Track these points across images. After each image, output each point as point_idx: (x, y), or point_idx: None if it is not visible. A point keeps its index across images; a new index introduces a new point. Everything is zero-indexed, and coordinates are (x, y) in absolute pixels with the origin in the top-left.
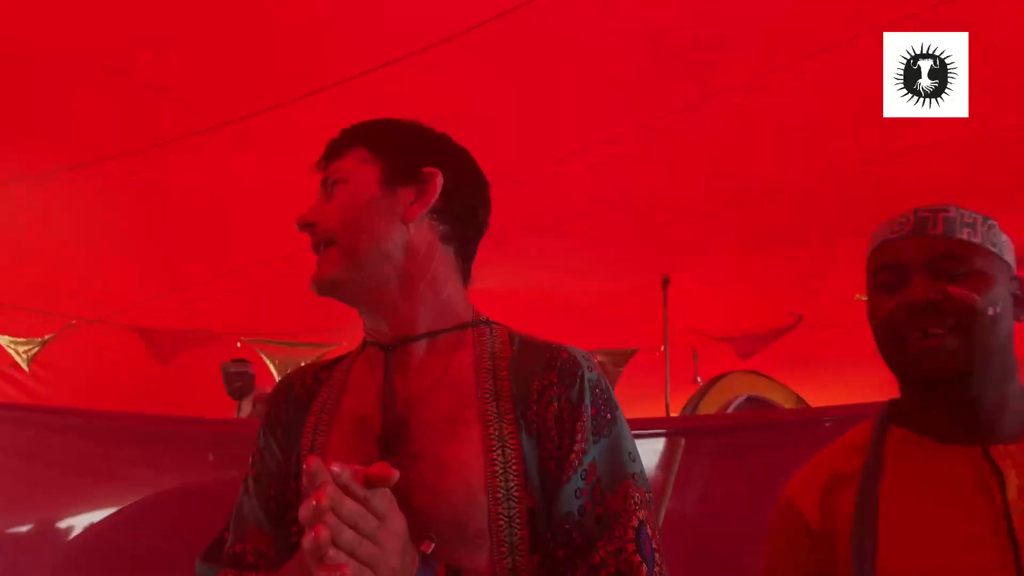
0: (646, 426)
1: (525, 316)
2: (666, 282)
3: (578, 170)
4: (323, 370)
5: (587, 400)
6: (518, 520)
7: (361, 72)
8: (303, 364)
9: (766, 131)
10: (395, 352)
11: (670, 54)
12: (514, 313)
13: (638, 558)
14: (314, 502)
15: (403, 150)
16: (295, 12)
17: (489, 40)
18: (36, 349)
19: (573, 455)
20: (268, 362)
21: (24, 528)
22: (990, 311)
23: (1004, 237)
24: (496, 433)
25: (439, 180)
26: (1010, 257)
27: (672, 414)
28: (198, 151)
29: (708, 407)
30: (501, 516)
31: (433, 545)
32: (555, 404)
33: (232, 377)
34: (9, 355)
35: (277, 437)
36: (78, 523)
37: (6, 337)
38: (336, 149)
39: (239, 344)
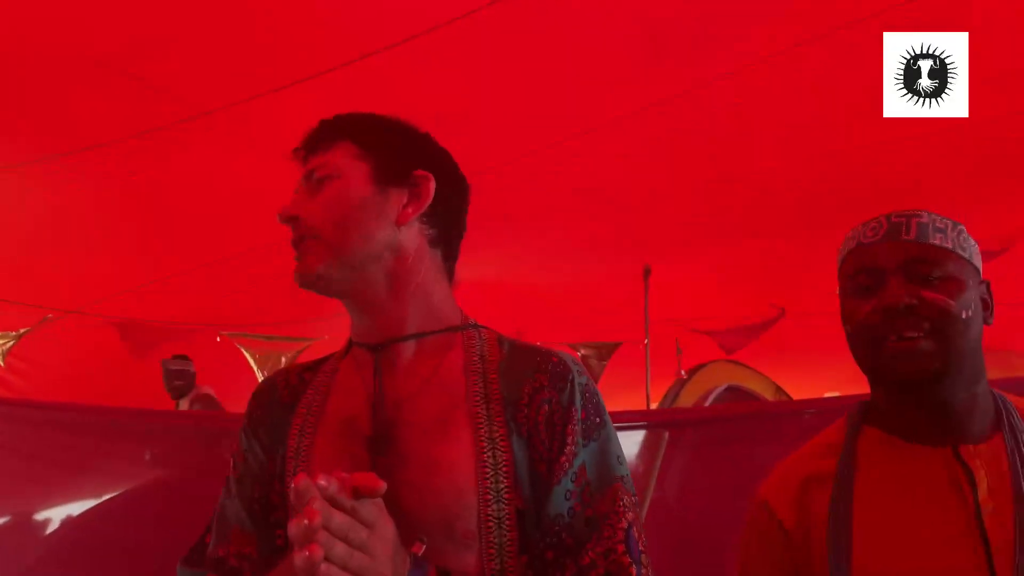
0: (628, 419)
1: (506, 308)
2: (647, 272)
3: (560, 161)
4: (307, 371)
5: (577, 404)
6: (507, 521)
7: (347, 61)
8: (282, 358)
9: (749, 123)
10: (383, 353)
11: (653, 45)
12: (495, 305)
13: (628, 559)
14: (306, 521)
15: (393, 150)
16: (281, 3)
17: (473, 30)
18: (12, 342)
19: (564, 457)
20: (248, 355)
21: (2, 521)
22: (963, 314)
23: (972, 242)
24: (487, 435)
25: (432, 185)
26: (978, 262)
27: (653, 405)
28: (179, 142)
29: (688, 396)
30: (491, 517)
31: (424, 546)
32: (546, 407)
33: (172, 375)
34: None
35: (260, 439)
36: (59, 516)
37: None
38: (319, 141)
39: (219, 338)
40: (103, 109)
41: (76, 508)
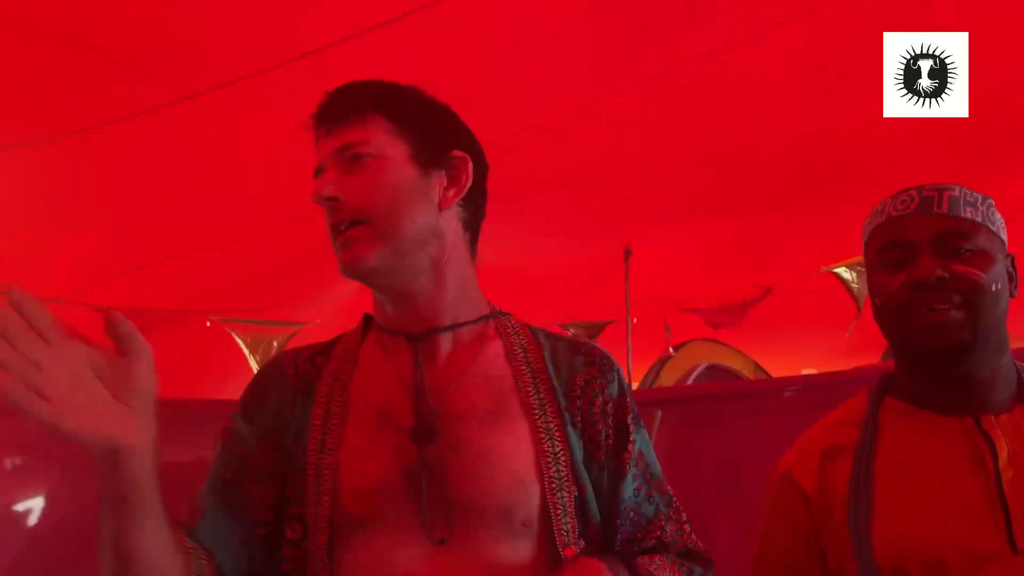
0: None
1: (494, 288)
2: (628, 253)
3: (540, 141)
4: (318, 355)
5: (627, 395)
6: (570, 508)
7: (328, 44)
8: (273, 343)
9: (727, 101)
10: (423, 343)
11: (631, 25)
12: (483, 285)
13: (695, 537)
14: None
15: (429, 129)
16: None
17: (454, 14)
18: None
19: (631, 445)
20: (239, 341)
21: None
22: (993, 287)
23: (1000, 216)
24: (543, 425)
25: (471, 168)
26: (1004, 235)
27: (635, 384)
28: (162, 124)
29: (669, 375)
30: (557, 505)
31: (577, 551)
32: (599, 399)
33: None
34: None
35: (263, 424)
36: (41, 506)
37: None
38: (346, 112)
39: (208, 323)
40: (86, 92)
41: (61, 498)
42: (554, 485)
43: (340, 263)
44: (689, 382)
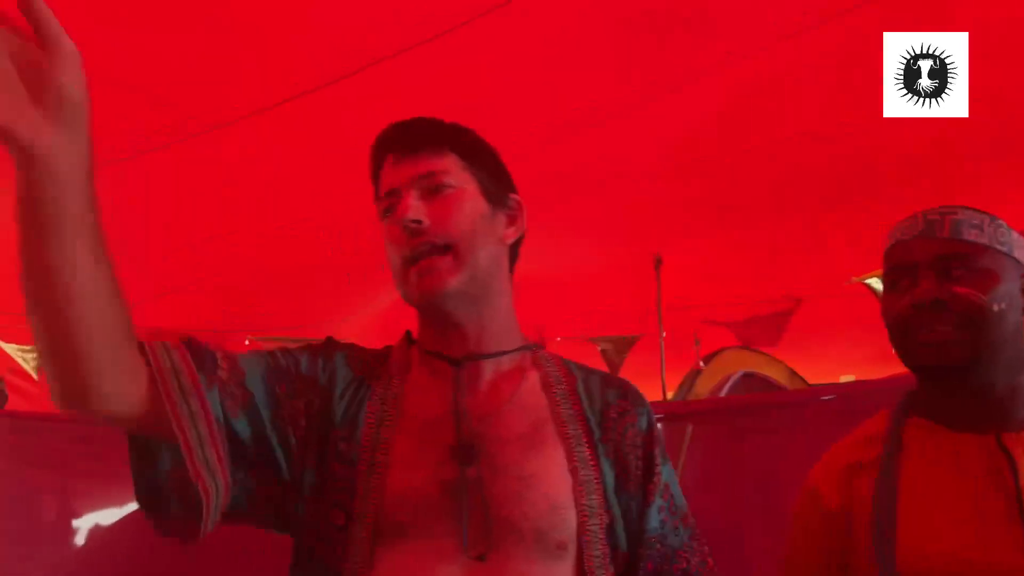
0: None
1: (524, 302)
2: (658, 262)
3: (564, 150)
4: (376, 357)
5: (654, 429)
6: (600, 535)
7: (348, 73)
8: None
9: (757, 105)
10: (465, 367)
11: (656, 30)
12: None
13: (716, 570)
14: None
15: (492, 170)
16: (278, 9)
17: (491, 29)
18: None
19: (656, 477)
20: None
21: (24, 534)
22: (995, 307)
23: (1014, 235)
24: (578, 454)
25: (525, 212)
26: (1020, 254)
27: (668, 395)
28: (190, 154)
29: (703, 385)
30: (589, 531)
31: None
32: (631, 431)
33: None
34: (12, 361)
35: (319, 365)
36: (88, 527)
37: (13, 345)
38: (422, 143)
39: (247, 342)
40: (117, 126)
41: (105, 518)
42: (587, 512)
43: (416, 290)
44: (724, 391)
